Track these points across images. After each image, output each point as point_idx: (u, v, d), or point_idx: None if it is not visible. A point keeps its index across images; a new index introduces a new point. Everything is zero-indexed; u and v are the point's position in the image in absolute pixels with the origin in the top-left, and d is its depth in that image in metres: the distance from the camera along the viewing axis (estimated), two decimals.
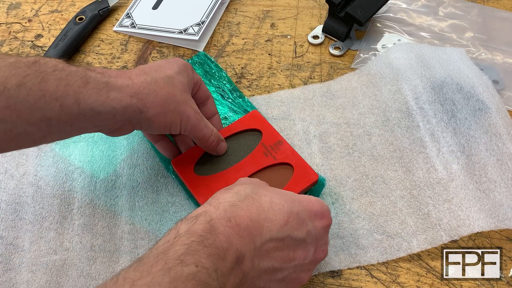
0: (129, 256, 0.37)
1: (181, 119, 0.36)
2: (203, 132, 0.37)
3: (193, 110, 0.36)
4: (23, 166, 0.42)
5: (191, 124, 0.36)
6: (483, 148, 0.40)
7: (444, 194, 0.38)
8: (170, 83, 0.35)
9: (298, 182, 0.36)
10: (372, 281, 0.36)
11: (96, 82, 0.32)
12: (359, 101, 0.45)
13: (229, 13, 0.55)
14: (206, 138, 0.37)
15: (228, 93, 0.46)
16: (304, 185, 0.36)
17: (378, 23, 0.52)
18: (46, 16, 0.56)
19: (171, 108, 0.35)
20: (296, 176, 0.37)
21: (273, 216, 0.29)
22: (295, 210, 0.30)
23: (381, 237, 0.37)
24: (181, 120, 0.36)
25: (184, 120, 0.36)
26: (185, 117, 0.36)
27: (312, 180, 0.37)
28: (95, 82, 0.32)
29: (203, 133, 0.37)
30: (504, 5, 0.53)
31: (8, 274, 0.36)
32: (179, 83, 0.36)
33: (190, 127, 0.36)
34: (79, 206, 0.39)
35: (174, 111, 0.35)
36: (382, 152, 0.41)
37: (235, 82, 0.48)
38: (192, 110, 0.36)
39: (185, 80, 0.37)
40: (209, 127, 0.38)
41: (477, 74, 0.44)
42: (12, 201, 0.40)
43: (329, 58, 0.49)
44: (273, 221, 0.29)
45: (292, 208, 0.30)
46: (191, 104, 0.36)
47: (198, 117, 0.36)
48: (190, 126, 0.36)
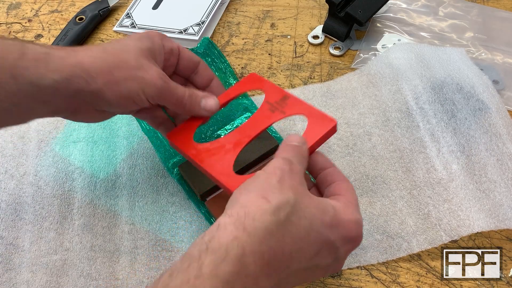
0: (129, 256, 0.37)
1: (141, 87, 0.31)
2: (175, 95, 0.33)
3: (155, 73, 0.32)
4: (23, 166, 0.42)
5: (155, 89, 0.32)
6: (483, 148, 0.40)
7: (444, 194, 0.38)
8: (121, 49, 0.32)
9: (315, 130, 0.32)
10: (372, 281, 0.36)
11: (35, 53, 0.29)
12: (359, 101, 0.45)
13: (229, 13, 0.55)
14: (180, 99, 0.33)
15: None
16: (322, 132, 0.32)
17: (378, 23, 0.52)
18: (46, 16, 0.56)
19: (123, 75, 0.31)
20: (312, 124, 0.32)
21: (307, 246, 0.25)
22: (332, 239, 0.26)
23: (381, 237, 0.37)
24: (142, 88, 0.31)
25: (147, 87, 0.31)
26: (145, 83, 0.31)
27: (330, 126, 0.32)
28: (33, 53, 0.28)
29: (176, 96, 0.33)
30: (504, 5, 0.53)
31: (8, 274, 0.36)
32: (134, 48, 0.32)
33: (156, 93, 0.32)
34: (79, 206, 0.39)
35: (128, 79, 0.31)
36: (382, 152, 0.41)
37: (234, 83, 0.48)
38: (153, 74, 0.32)
39: (146, 45, 0.33)
40: (180, 88, 0.33)
41: (477, 74, 0.44)
42: (12, 201, 0.40)
43: (329, 58, 0.49)
44: (305, 251, 0.25)
45: (329, 236, 0.26)
46: (152, 68, 0.32)
47: (163, 81, 0.32)
48: (155, 92, 0.32)
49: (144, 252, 0.37)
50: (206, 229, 0.38)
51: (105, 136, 0.43)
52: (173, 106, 0.34)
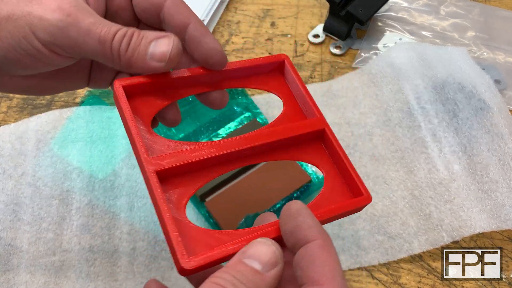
0: (128, 257, 0.37)
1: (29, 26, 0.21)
2: (93, 36, 0.21)
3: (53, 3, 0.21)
4: (21, 166, 0.41)
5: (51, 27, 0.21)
6: (485, 148, 0.40)
7: (446, 195, 0.38)
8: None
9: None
10: (373, 282, 0.35)
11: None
12: (360, 101, 0.44)
13: (229, 12, 0.54)
14: (104, 43, 0.22)
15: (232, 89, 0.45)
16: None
17: (379, 22, 0.52)
18: None
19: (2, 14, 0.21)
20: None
21: None
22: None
23: (382, 238, 0.37)
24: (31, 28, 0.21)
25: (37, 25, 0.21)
26: (34, 19, 0.21)
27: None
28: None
29: (95, 37, 0.21)
30: (506, 4, 0.53)
31: (7, 275, 0.36)
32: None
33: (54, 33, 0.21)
34: (78, 207, 0.39)
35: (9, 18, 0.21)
36: (383, 152, 0.41)
37: None
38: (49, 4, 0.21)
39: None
40: (105, 25, 0.22)
41: (479, 74, 0.43)
42: (10, 201, 0.39)
43: (330, 57, 0.49)
44: None
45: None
46: None
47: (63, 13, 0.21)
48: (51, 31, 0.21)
49: (143, 253, 0.37)
50: None
51: (103, 136, 0.43)
52: (99, 57, 0.22)
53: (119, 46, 0.22)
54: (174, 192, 0.21)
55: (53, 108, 0.44)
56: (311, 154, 0.25)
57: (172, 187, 0.21)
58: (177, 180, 0.22)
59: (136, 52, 0.22)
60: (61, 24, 0.21)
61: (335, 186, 0.24)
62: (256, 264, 0.18)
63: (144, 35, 0.22)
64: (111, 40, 0.22)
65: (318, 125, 0.25)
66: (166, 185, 0.21)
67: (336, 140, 0.24)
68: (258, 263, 0.18)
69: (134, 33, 0.22)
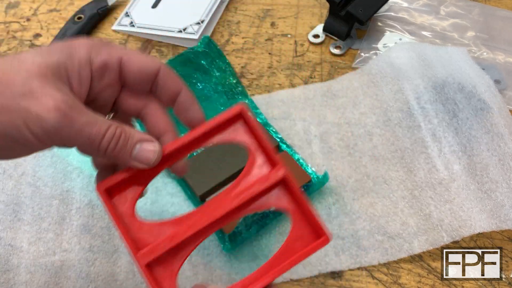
0: (128, 257, 0.37)
1: (24, 121, 0.22)
2: (84, 134, 0.23)
3: (50, 101, 0.22)
4: (21, 166, 0.41)
5: (47, 125, 0.22)
6: (485, 148, 0.40)
7: (446, 195, 0.38)
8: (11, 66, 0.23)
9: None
10: (373, 282, 0.35)
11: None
12: (360, 101, 0.44)
13: (229, 12, 0.54)
14: (93, 141, 0.23)
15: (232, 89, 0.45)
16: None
17: (379, 22, 0.52)
18: (44, 15, 0.55)
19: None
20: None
21: None
22: None
23: (382, 238, 0.37)
24: (26, 123, 0.22)
25: (32, 121, 0.22)
26: (31, 116, 0.22)
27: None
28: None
29: (86, 135, 0.23)
30: (506, 4, 0.53)
31: (7, 275, 0.36)
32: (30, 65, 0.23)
33: (48, 130, 0.22)
34: (78, 207, 0.39)
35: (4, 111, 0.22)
36: (383, 152, 0.41)
37: (234, 82, 0.47)
38: (46, 102, 0.22)
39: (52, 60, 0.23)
40: (98, 123, 0.23)
41: (479, 74, 0.43)
42: (11, 201, 0.39)
43: (329, 58, 0.49)
44: None
45: None
46: (48, 93, 0.22)
47: (60, 113, 0.22)
48: (47, 128, 0.22)
49: None
50: None
51: None
52: (86, 151, 0.24)
53: (107, 146, 0.24)
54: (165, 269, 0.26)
55: None
56: (277, 201, 0.27)
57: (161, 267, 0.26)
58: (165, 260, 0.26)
59: (122, 152, 0.24)
60: (57, 125, 0.22)
61: (300, 228, 0.27)
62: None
63: (130, 136, 0.25)
64: (100, 140, 0.24)
65: (279, 174, 0.26)
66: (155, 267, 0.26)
67: (297, 188, 0.26)
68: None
69: (122, 134, 0.24)
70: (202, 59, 0.46)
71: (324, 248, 0.36)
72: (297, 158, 0.41)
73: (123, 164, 0.25)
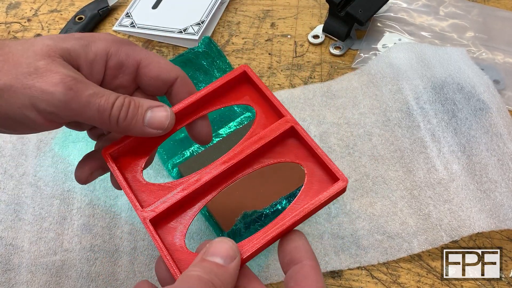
0: (129, 256, 0.37)
1: (29, 99, 0.22)
2: (94, 106, 0.23)
3: (57, 77, 0.22)
4: (23, 166, 0.41)
5: (54, 100, 0.22)
6: (484, 148, 0.40)
7: (445, 195, 0.38)
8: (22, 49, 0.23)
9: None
10: (372, 282, 0.35)
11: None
12: (360, 101, 0.45)
13: (229, 12, 0.54)
14: (103, 112, 0.23)
15: None
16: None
17: (379, 22, 0.52)
18: (45, 15, 0.56)
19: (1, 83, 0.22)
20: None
21: None
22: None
23: (381, 237, 0.37)
24: (32, 100, 0.22)
25: (39, 98, 0.22)
26: (36, 92, 0.22)
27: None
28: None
29: (95, 107, 0.23)
30: (505, 5, 0.53)
31: (8, 274, 0.36)
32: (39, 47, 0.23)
33: (57, 105, 0.22)
34: (79, 206, 0.39)
35: (8, 89, 0.22)
36: (383, 152, 0.41)
37: None
38: (52, 79, 0.22)
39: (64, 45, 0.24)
40: (105, 95, 0.23)
41: (478, 74, 0.44)
42: (12, 201, 0.40)
43: (329, 58, 0.49)
44: None
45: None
46: (53, 71, 0.22)
47: (66, 87, 0.22)
48: (54, 104, 0.22)
49: (144, 253, 0.37)
50: (206, 229, 0.38)
51: None
52: (97, 123, 0.24)
53: (117, 115, 0.24)
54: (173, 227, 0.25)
55: None
56: (288, 154, 0.26)
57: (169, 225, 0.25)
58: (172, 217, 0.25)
59: (133, 120, 0.24)
60: (63, 98, 0.22)
61: (315, 176, 0.26)
62: (218, 259, 0.21)
63: (140, 104, 0.25)
64: (110, 110, 0.24)
65: (287, 124, 0.26)
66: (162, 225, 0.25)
67: (306, 134, 0.26)
68: (219, 257, 0.21)
69: (131, 102, 0.24)
70: (203, 59, 0.46)
71: (324, 247, 0.37)
72: None
73: (137, 134, 0.25)
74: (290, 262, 0.23)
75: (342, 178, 0.25)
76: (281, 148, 0.26)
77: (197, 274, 0.20)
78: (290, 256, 0.23)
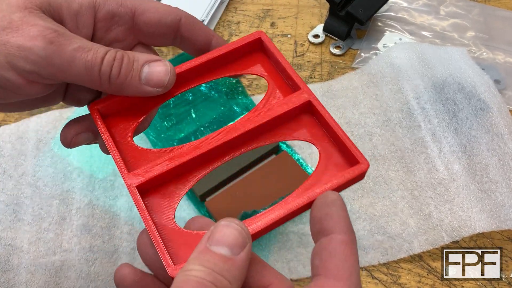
0: (129, 257, 0.37)
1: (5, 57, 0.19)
2: (80, 62, 0.20)
3: (35, 30, 0.19)
4: (22, 166, 0.41)
5: (33, 56, 0.19)
6: (485, 148, 0.40)
7: (446, 195, 0.38)
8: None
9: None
10: (373, 282, 0.35)
11: None
12: (360, 101, 0.45)
13: (229, 12, 0.54)
14: (91, 69, 0.20)
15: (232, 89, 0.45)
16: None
17: (379, 22, 0.52)
18: None
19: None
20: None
21: None
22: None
23: (382, 238, 0.37)
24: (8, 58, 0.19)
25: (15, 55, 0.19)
26: (12, 49, 0.19)
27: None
28: None
29: (82, 63, 0.20)
30: (506, 5, 0.53)
31: (7, 275, 0.36)
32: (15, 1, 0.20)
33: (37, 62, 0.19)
34: (78, 207, 0.39)
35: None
36: (383, 152, 0.41)
37: (234, 82, 0.47)
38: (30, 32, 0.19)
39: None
40: (93, 49, 0.21)
41: (479, 74, 0.43)
42: (11, 201, 0.39)
43: (329, 58, 0.49)
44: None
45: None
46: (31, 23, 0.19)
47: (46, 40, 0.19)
48: (34, 60, 0.19)
49: None
50: None
51: None
52: (86, 83, 0.21)
53: (109, 72, 0.21)
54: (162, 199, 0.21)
55: (53, 108, 0.44)
56: (301, 131, 0.23)
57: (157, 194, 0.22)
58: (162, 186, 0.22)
59: (128, 77, 0.21)
60: (43, 53, 0.19)
61: (331, 158, 0.22)
62: (224, 249, 0.17)
63: (135, 58, 0.22)
64: (100, 65, 0.21)
65: (303, 98, 0.23)
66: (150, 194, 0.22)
67: (325, 110, 0.23)
68: (226, 247, 0.17)
69: (124, 56, 0.21)
70: None
71: None
72: (297, 158, 0.41)
73: (133, 93, 0.22)
74: (319, 232, 0.19)
75: (362, 161, 0.21)
76: (294, 124, 0.23)
77: (197, 276, 0.16)
78: (319, 225, 0.19)
